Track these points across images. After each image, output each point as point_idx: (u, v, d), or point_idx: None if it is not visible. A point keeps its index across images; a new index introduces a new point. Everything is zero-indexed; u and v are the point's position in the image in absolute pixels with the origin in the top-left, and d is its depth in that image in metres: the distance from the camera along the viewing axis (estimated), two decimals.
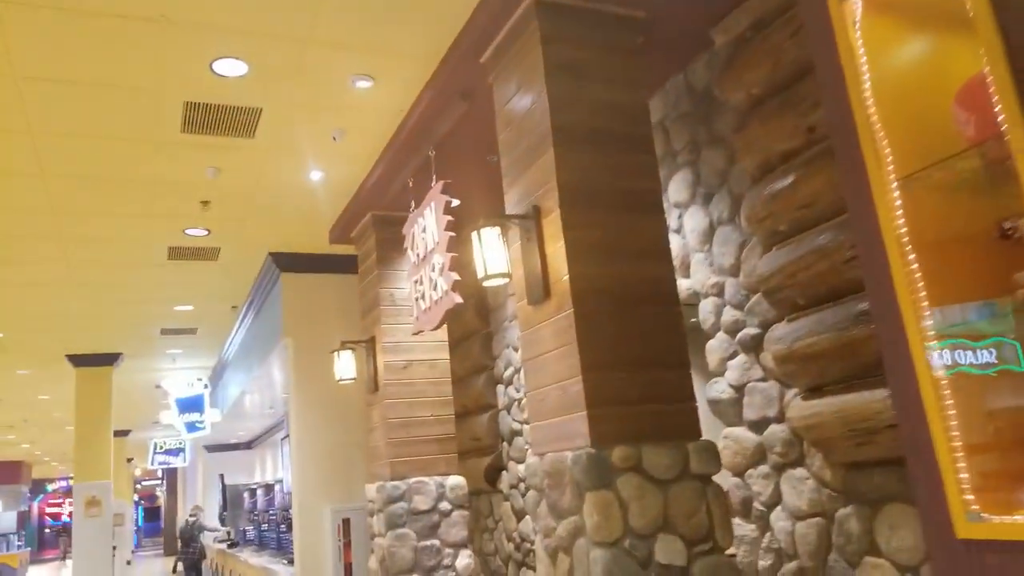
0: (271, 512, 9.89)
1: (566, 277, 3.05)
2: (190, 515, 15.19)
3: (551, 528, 3.08)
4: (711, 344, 3.72)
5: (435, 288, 4.72)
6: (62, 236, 6.31)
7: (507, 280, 3.33)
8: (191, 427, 12.34)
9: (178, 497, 28.27)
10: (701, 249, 3.85)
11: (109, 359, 10.84)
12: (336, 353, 6.20)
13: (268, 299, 8.02)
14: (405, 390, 5.81)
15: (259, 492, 11.39)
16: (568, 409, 3.01)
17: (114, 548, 18.76)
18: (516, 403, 5.91)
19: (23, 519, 33.41)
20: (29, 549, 26.20)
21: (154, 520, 41.99)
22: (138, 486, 41.29)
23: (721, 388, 3.66)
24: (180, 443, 20.85)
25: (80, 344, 10.29)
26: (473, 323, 6.60)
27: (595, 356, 2.97)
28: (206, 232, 6.50)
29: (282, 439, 7.60)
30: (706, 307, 3.75)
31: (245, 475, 17.23)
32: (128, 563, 23.23)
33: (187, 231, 6.44)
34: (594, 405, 2.91)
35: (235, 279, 8.01)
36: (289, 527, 9.32)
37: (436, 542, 5.48)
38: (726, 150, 3.68)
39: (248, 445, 18.05)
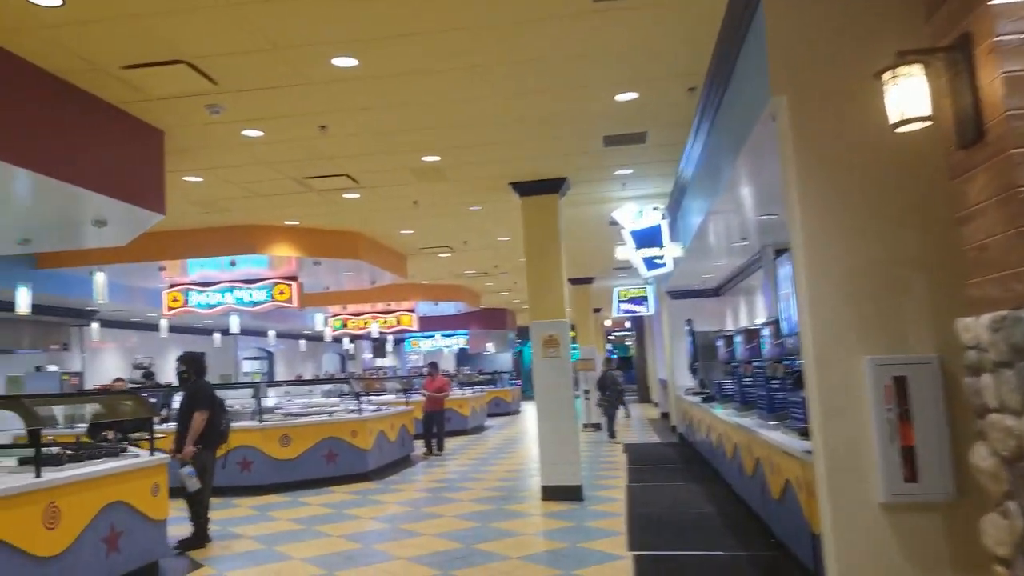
0: (756, 364, 7.61)
1: None
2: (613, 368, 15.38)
3: None
4: None
5: None
6: None
7: None
8: (650, 263, 10.57)
9: (646, 347, 28.31)
10: None
11: (554, 185, 9.39)
12: (889, 75, 3.31)
13: (741, 53, 5.34)
14: None
15: (738, 340, 9.18)
16: None
17: (586, 391, 19.01)
18: None
19: (518, 361, 37.35)
20: (521, 387, 28.71)
21: (627, 369, 44.38)
22: (610, 336, 43.70)
23: None
24: (643, 290, 19.96)
25: (522, 168, 8.96)
26: None
27: None
28: None
29: (775, 258, 5.07)
30: None
31: (713, 323, 15.33)
32: (599, 406, 23.93)
33: None
34: None
35: (687, 29, 5.49)
36: (784, 383, 6.95)
37: None
38: None
39: (715, 292, 16.05)
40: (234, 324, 13.62)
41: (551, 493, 8.91)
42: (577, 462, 9.01)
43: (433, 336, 28.05)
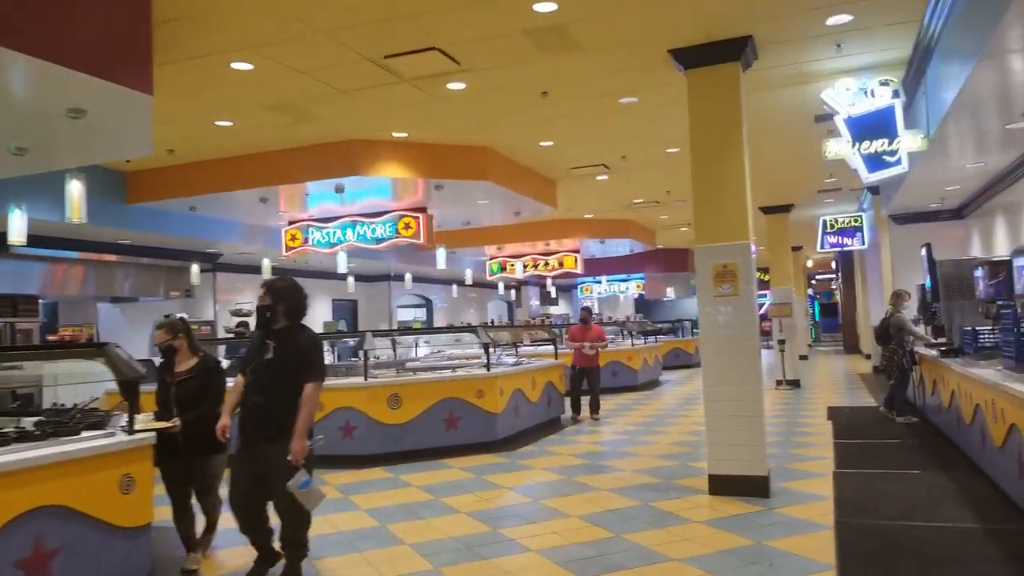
0: None
1: None
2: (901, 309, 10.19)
3: None
4: None
5: None
6: None
7: None
8: (874, 162, 7.44)
9: (856, 290, 24.12)
10: None
11: (732, 50, 6.52)
12: None
13: None
14: None
15: (1020, 265, 5.94)
16: None
17: (781, 342, 15.79)
18: None
19: None
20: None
21: (832, 315, 39.65)
22: (812, 281, 38.90)
23: None
24: (857, 219, 16.31)
25: (684, 24, 6.20)
26: None
27: None
28: None
29: None
30: None
31: (952, 255, 11.68)
32: (802, 358, 20.41)
33: None
34: None
35: None
36: None
37: None
38: None
39: (957, 213, 12.33)
40: (342, 263, 11.82)
41: (722, 486, 6.30)
42: (761, 444, 6.30)
43: (599, 281, 25.43)
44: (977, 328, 7.39)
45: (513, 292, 26.05)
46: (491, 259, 19.49)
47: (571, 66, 7.10)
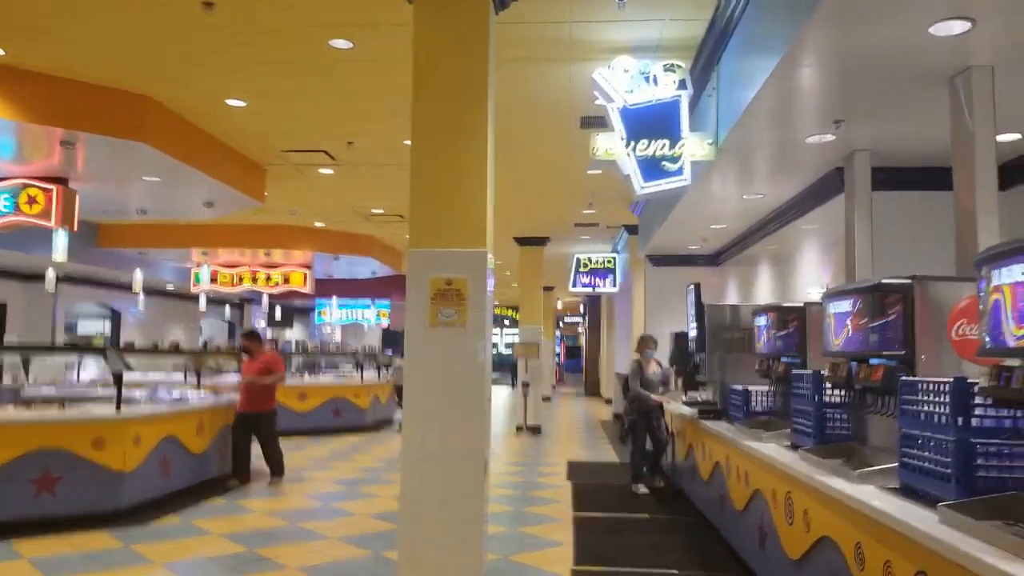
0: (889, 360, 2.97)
1: None
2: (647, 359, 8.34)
3: None
4: None
5: None
6: None
7: None
8: (651, 170, 5.83)
9: (602, 334, 23.73)
10: None
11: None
12: None
13: None
14: None
15: (838, 309, 4.37)
16: None
17: (525, 384, 14.28)
18: None
19: None
20: None
21: (575, 357, 40.13)
22: (560, 323, 38.95)
23: None
24: (611, 260, 15.38)
25: None
26: None
27: None
28: None
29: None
30: None
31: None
32: (546, 399, 19.19)
33: None
34: None
35: None
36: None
37: None
38: None
39: (713, 260, 11.53)
40: None
41: None
42: (478, 545, 4.23)
43: (337, 305, 22.73)
44: (750, 388, 6.01)
45: (229, 309, 22.59)
46: (197, 266, 16.21)
47: None
